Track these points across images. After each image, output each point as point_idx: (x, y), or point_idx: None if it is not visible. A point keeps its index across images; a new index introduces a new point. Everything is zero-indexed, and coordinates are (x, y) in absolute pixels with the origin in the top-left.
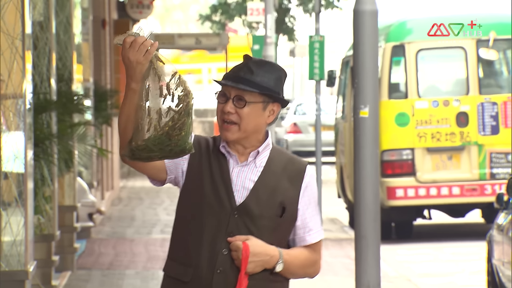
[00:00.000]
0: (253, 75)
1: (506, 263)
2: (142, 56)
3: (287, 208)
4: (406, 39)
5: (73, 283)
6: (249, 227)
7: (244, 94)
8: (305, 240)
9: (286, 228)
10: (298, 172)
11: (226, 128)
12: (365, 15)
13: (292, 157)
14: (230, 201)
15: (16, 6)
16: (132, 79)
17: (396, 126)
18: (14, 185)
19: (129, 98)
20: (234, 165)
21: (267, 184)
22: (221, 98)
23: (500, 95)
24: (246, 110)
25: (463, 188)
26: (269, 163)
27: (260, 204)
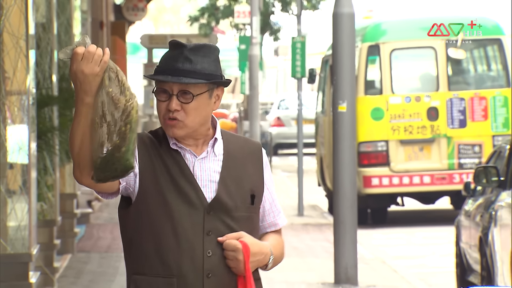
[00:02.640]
0: (193, 64)
1: (473, 246)
2: (97, 66)
3: (256, 194)
4: (381, 40)
5: (74, 265)
6: (227, 222)
7: (189, 87)
8: (276, 224)
9: (257, 214)
10: (256, 153)
11: (171, 124)
12: (343, 17)
13: (244, 138)
14: (200, 199)
15: (20, 8)
16: (86, 93)
17: (372, 120)
18: (19, 175)
19: (83, 114)
20: (193, 159)
21: (233, 173)
22: (161, 95)
23: (467, 91)
24: (193, 105)
25: (433, 177)
26: (226, 149)
27: (231, 196)
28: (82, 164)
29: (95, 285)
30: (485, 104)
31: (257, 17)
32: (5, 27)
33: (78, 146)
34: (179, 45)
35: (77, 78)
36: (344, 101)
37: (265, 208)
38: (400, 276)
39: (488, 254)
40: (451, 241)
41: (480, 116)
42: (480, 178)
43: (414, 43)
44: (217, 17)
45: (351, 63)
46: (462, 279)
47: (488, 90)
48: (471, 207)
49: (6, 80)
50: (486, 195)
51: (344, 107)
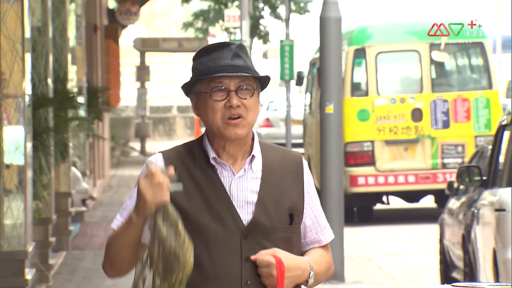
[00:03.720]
0: (244, 60)
1: (456, 244)
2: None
3: (295, 212)
4: (367, 43)
5: (68, 262)
6: (264, 245)
7: (247, 83)
8: (320, 241)
9: (297, 234)
10: (296, 167)
11: (235, 124)
12: (330, 21)
13: (284, 150)
14: (236, 222)
15: (16, 12)
16: (138, 212)
17: (358, 121)
18: (15, 174)
19: (129, 228)
20: (230, 177)
21: (272, 191)
22: (217, 94)
23: (450, 93)
24: (253, 101)
25: (417, 176)
26: (265, 165)
27: (269, 217)
28: (116, 268)
29: (89, 282)
30: (467, 106)
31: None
32: (2, 30)
33: (116, 253)
34: (226, 44)
35: (137, 190)
36: (331, 102)
37: (306, 225)
38: (385, 272)
39: (470, 251)
40: (435, 239)
41: (463, 117)
42: (463, 177)
43: (399, 47)
44: (210, 21)
45: (337, 65)
46: (445, 275)
47: (471, 92)
48: (454, 206)
49: (2, 82)
50: (469, 194)
51: (331, 108)
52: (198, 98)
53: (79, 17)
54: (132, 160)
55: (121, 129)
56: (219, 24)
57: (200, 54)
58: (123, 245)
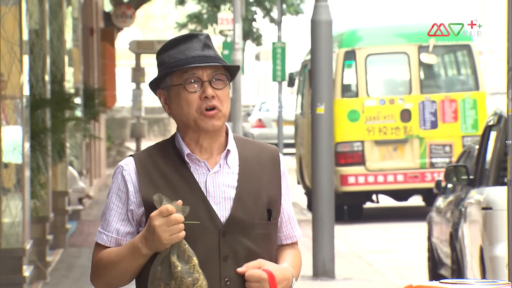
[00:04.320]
0: (213, 51)
1: (444, 241)
2: (171, 235)
3: (274, 208)
4: (357, 45)
5: (65, 259)
6: (244, 243)
7: (219, 73)
8: (293, 237)
9: (275, 230)
10: (273, 161)
11: (211, 115)
12: (321, 24)
13: (259, 144)
14: (213, 219)
15: (14, 15)
16: (147, 246)
17: (348, 121)
18: (13, 173)
19: (134, 258)
20: (206, 173)
21: (250, 186)
22: (191, 86)
23: (438, 94)
24: (226, 91)
25: (406, 175)
26: (242, 160)
27: (249, 213)
28: (113, 285)
29: (86, 278)
30: (455, 107)
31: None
32: (0, 33)
33: (114, 276)
34: (194, 35)
35: (150, 227)
36: (322, 103)
37: (283, 220)
38: (375, 269)
39: (458, 249)
40: (423, 236)
41: (450, 118)
42: (450, 176)
43: (388, 49)
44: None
45: (328, 67)
46: (433, 272)
47: (458, 93)
48: (442, 204)
49: (1, 84)
50: (456, 192)
51: (322, 109)
52: (169, 92)
53: (76, 20)
54: None
55: (117, 130)
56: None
57: (167, 47)
58: (125, 271)
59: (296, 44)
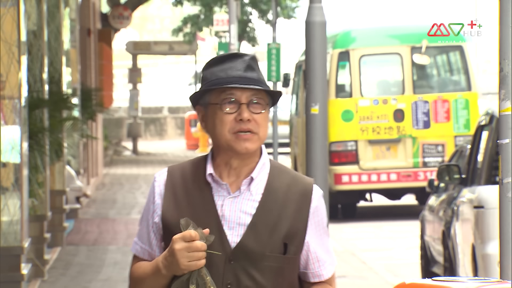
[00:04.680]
0: (257, 73)
1: (436, 239)
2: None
3: (292, 242)
4: (351, 46)
5: (63, 257)
6: (250, 273)
7: (259, 97)
8: (321, 275)
9: (291, 265)
10: (303, 195)
11: (246, 138)
12: (315, 26)
13: (295, 175)
14: (223, 243)
15: (12, 16)
16: (166, 268)
17: (342, 121)
18: (11, 172)
19: (156, 277)
20: (225, 196)
21: (267, 217)
22: (230, 105)
23: (431, 95)
24: (264, 116)
25: (399, 174)
26: (268, 188)
27: (260, 243)
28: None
29: (83, 276)
30: (447, 107)
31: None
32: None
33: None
34: (239, 55)
35: (171, 250)
36: (316, 103)
37: (309, 257)
38: (368, 267)
39: (450, 247)
40: (416, 235)
41: (443, 118)
42: (443, 175)
43: (382, 50)
44: (199, 25)
45: (322, 68)
46: (426, 270)
47: (451, 93)
48: (435, 203)
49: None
50: (449, 191)
51: (316, 109)
52: (207, 110)
53: (73, 21)
54: (124, 159)
55: (114, 129)
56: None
57: (211, 64)
58: (150, 287)
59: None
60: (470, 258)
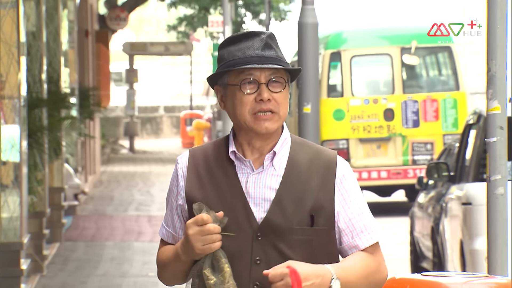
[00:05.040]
0: (275, 51)
1: (426, 235)
2: (204, 245)
3: (319, 214)
4: (342, 47)
5: (61, 252)
6: (279, 247)
7: (278, 75)
8: (356, 246)
9: (324, 237)
10: (327, 167)
11: (266, 118)
12: (307, 27)
13: (318, 149)
14: (250, 219)
15: (12, 18)
16: (184, 253)
17: (334, 120)
18: (11, 170)
19: (177, 262)
20: (249, 173)
21: (293, 190)
22: (249, 86)
23: (420, 94)
24: (284, 94)
25: (389, 172)
26: (290, 162)
27: (287, 217)
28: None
29: (81, 271)
30: (436, 106)
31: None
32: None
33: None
34: (255, 33)
35: (186, 235)
36: (308, 103)
37: (341, 228)
38: None
39: (439, 242)
40: (406, 231)
41: (432, 117)
42: (432, 173)
43: (372, 50)
44: (193, 26)
45: (315, 68)
46: (415, 265)
47: (439, 93)
48: (424, 200)
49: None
50: (438, 188)
51: (309, 108)
52: (226, 90)
53: (72, 23)
54: (121, 157)
55: (111, 128)
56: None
57: (228, 43)
58: (175, 273)
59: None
60: (458, 253)
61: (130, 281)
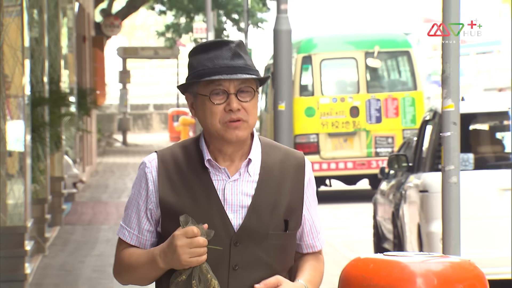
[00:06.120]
0: (244, 60)
1: (387, 219)
2: (191, 258)
3: (292, 218)
4: (313, 51)
5: (61, 235)
6: (256, 252)
7: (247, 85)
8: (314, 247)
9: (293, 240)
10: (297, 169)
11: (236, 126)
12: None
13: (286, 151)
14: (226, 227)
15: (17, 25)
16: (164, 262)
17: (305, 116)
18: (16, 161)
19: (152, 268)
20: (225, 180)
21: (268, 196)
22: (216, 97)
23: (382, 94)
24: (253, 103)
25: (355, 163)
26: (264, 167)
27: (263, 222)
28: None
29: (79, 252)
30: (396, 104)
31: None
32: (5, 40)
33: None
34: (224, 43)
35: (172, 245)
36: (283, 101)
37: (304, 230)
38: (328, 243)
39: (399, 226)
40: (369, 215)
41: (392, 114)
42: (392, 164)
43: (340, 54)
44: (179, 32)
45: (288, 70)
46: (378, 246)
47: (399, 92)
48: (386, 188)
49: (6, 84)
50: (398, 177)
51: (283, 106)
52: (196, 99)
53: (71, 29)
54: (115, 150)
55: (106, 124)
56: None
57: (197, 51)
58: (143, 277)
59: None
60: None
61: None
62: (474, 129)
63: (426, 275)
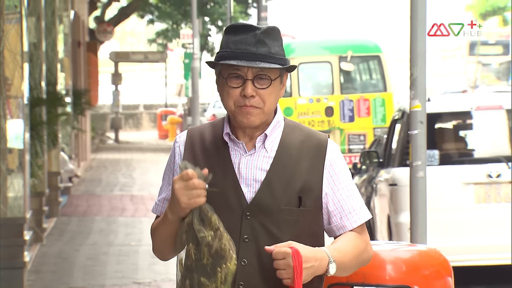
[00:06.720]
0: (268, 47)
1: None
2: (189, 199)
3: (307, 195)
4: (291, 56)
5: (58, 226)
6: (267, 227)
7: (266, 72)
8: (344, 227)
9: (310, 218)
10: (318, 149)
11: (248, 112)
12: None
13: (309, 132)
14: (240, 199)
15: (17, 31)
16: (172, 211)
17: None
18: (16, 157)
19: (165, 224)
20: (242, 154)
21: (283, 171)
22: (233, 81)
23: (355, 95)
24: (270, 90)
25: None
26: (282, 145)
27: (275, 197)
28: (162, 254)
29: (74, 241)
30: (368, 104)
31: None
32: (5, 45)
33: (158, 244)
34: (251, 28)
35: (172, 191)
36: None
37: (329, 210)
38: None
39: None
40: None
41: (364, 113)
42: (364, 160)
43: (316, 58)
44: (169, 38)
45: None
46: None
47: (371, 93)
48: (358, 181)
49: (6, 86)
50: (369, 172)
51: None
52: (218, 78)
53: (67, 35)
54: (108, 147)
55: (99, 122)
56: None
57: (229, 31)
58: (163, 237)
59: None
60: (386, 225)
61: (115, 249)
62: (439, 127)
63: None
